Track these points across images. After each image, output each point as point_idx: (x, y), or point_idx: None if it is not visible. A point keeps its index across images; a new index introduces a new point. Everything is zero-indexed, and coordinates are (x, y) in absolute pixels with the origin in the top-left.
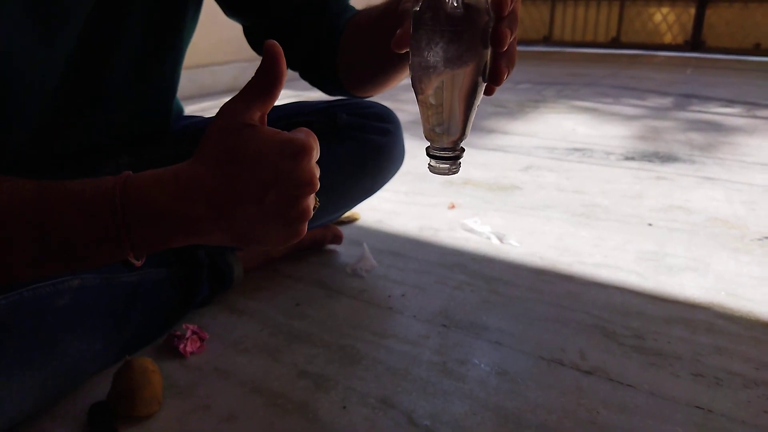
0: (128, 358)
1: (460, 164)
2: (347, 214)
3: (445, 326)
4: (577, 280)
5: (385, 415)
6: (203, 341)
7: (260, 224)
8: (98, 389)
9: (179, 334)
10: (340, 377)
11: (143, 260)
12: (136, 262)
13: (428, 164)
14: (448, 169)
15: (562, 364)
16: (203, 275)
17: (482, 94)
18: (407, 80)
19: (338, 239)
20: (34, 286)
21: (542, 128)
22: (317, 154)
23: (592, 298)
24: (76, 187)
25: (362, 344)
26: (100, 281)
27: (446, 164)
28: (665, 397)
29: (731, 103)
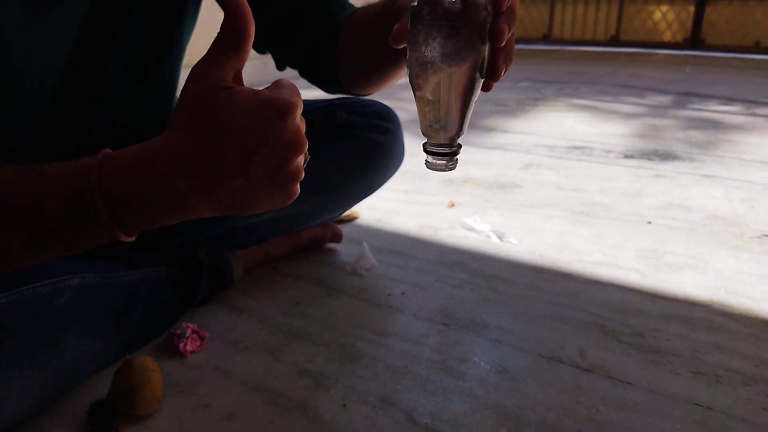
0: (128, 357)
1: (457, 160)
2: (347, 212)
3: (444, 324)
4: (576, 278)
5: (385, 413)
6: (203, 340)
7: (249, 192)
8: (98, 388)
9: (179, 332)
10: (340, 376)
11: (134, 237)
12: (126, 238)
13: (425, 160)
14: (445, 165)
15: (561, 361)
16: (203, 275)
17: (480, 90)
18: (407, 79)
19: (338, 238)
20: (34, 284)
21: (542, 126)
22: (301, 108)
23: (591, 295)
24: (53, 169)
25: (362, 343)
26: (99, 280)
27: (443, 160)
28: (664, 394)
29: (730, 101)
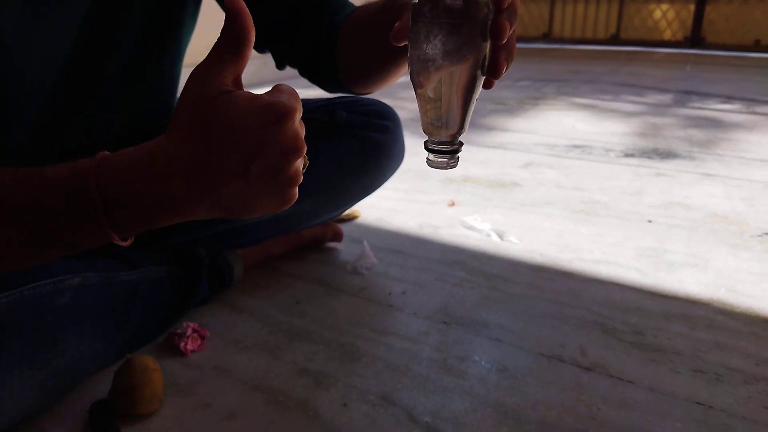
0: (129, 356)
1: (458, 158)
2: (347, 211)
3: (445, 323)
4: (576, 276)
5: (385, 412)
6: (204, 339)
7: (247, 196)
8: (99, 388)
9: (180, 332)
10: (340, 374)
11: (131, 240)
12: (122, 243)
13: (426, 158)
14: (446, 163)
15: (561, 360)
16: (203, 274)
17: (481, 87)
18: (407, 78)
19: (338, 237)
20: (34, 284)
21: (542, 125)
22: (300, 113)
23: (591, 294)
24: (52, 171)
25: (362, 341)
26: (100, 279)
27: (444, 158)
28: (665, 392)
29: (731, 99)
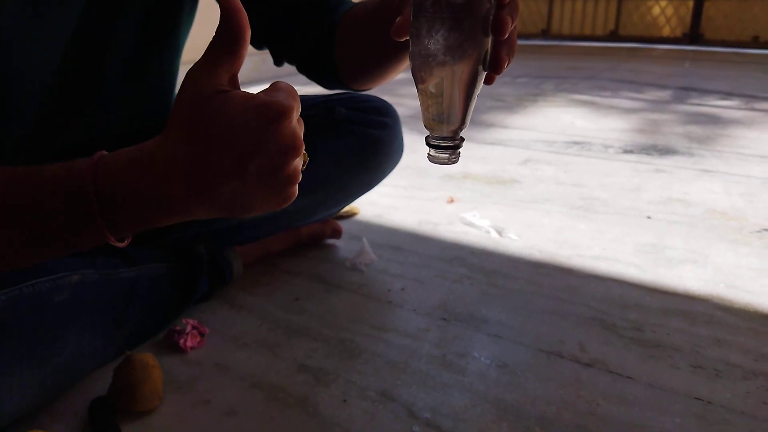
0: (128, 353)
1: (459, 154)
2: (346, 208)
3: (444, 319)
4: (576, 272)
5: (385, 408)
6: (203, 336)
7: (245, 195)
8: (98, 385)
9: (179, 329)
10: (340, 371)
11: (128, 241)
12: (118, 244)
13: (427, 153)
14: (447, 158)
15: (561, 356)
16: (202, 271)
17: (482, 83)
18: (406, 74)
19: (337, 234)
20: (33, 281)
21: (541, 122)
22: (298, 110)
23: (591, 290)
24: (50, 171)
25: (362, 338)
26: (99, 277)
27: (446, 154)
28: (664, 388)
29: (729, 95)
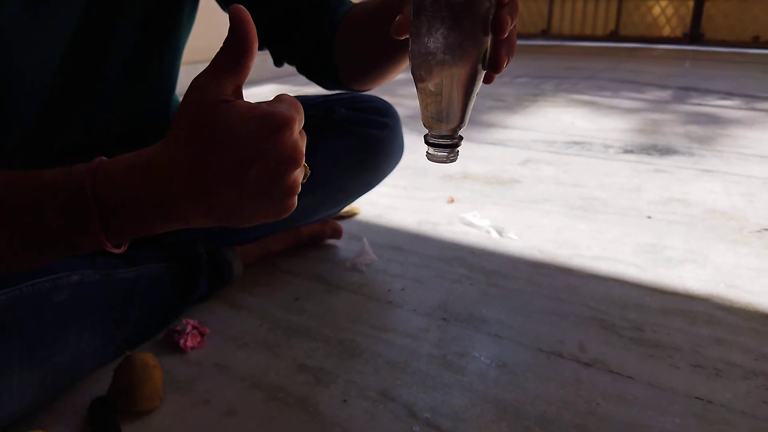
0: (128, 353)
1: (458, 152)
2: (346, 208)
3: (444, 319)
4: (575, 272)
5: (385, 408)
6: (203, 336)
7: (243, 205)
8: (99, 385)
9: (179, 329)
10: (340, 371)
11: (125, 247)
12: (114, 250)
13: (426, 152)
14: (446, 157)
15: (561, 356)
16: (202, 271)
17: (482, 82)
18: (406, 74)
19: (337, 234)
20: (33, 281)
21: (541, 122)
22: (300, 123)
23: (590, 290)
24: (50, 175)
25: (362, 338)
26: (98, 277)
27: (444, 152)
28: (664, 388)
29: (730, 95)
